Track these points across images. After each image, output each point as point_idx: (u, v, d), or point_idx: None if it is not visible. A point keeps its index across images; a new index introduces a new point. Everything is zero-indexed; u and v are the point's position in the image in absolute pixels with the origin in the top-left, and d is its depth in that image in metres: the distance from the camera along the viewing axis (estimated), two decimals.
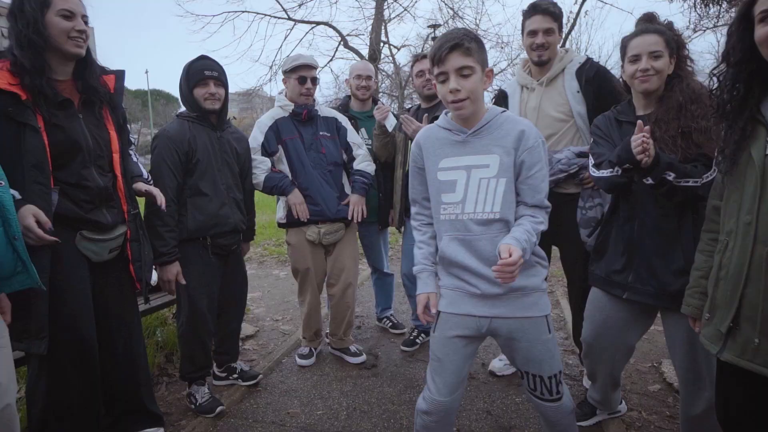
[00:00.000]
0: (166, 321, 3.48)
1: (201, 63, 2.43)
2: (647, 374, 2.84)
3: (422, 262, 1.72)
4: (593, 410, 2.28)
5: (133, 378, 2.13)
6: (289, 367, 3.04)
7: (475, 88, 1.50)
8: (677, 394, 2.54)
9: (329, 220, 2.84)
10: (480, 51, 1.50)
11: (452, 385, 1.61)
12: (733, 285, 1.26)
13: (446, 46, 1.47)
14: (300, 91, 2.79)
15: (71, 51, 1.75)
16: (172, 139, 2.34)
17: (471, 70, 1.48)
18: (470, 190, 1.55)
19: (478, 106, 1.56)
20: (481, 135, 1.56)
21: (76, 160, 1.78)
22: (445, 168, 1.59)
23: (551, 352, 1.59)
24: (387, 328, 3.64)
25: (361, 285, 4.73)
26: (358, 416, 2.46)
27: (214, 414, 2.43)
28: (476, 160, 1.56)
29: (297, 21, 11.83)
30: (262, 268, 5.71)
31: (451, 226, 1.59)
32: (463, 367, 1.63)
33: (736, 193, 1.28)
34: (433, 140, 1.64)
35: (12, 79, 1.65)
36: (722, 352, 1.27)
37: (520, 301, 1.56)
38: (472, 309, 1.58)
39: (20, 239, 1.42)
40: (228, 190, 2.47)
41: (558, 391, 1.60)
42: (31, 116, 1.66)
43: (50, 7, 1.69)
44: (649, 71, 1.79)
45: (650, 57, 1.79)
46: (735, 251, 1.26)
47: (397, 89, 15.40)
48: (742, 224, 1.25)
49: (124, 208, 1.99)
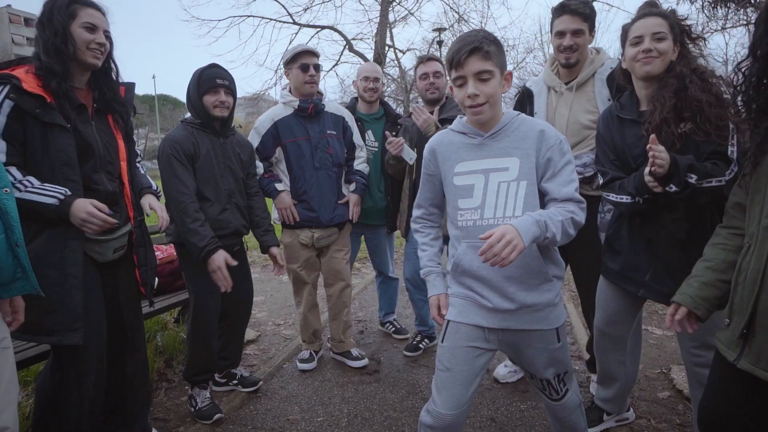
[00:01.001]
0: (167, 326, 3.45)
1: (213, 71, 2.44)
2: (656, 381, 2.76)
3: (428, 264, 1.69)
4: (600, 417, 2.22)
5: (132, 390, 2.11)
6: (290, 372, 3.00)
7: (494, 93, 1.45)
8: (688, 402, 2.47)
9: (323, 227, 2.83)
10: (499, 54, 1.45)
11: (459, 398, 1.52)
12: (749, 290, 1.21)
13: (465, 49, 1.41)
14: (304, 80, 2.74)
15: (89, 61, 1.83)
16: (177, 141, 2.36)
17: (490, 74, 1.43)
18: (489, 194, 1.49)
19: (497, 111, 1.51)
20: (498, 138, 1.51)
21: (88, 164, 1.84)
22: (462, 172, 1.54)
23: (558, 359, 1.55)
24: (390, 333, 3.58)
25: (365, 289, 4.68)
26: (359, 423, 2.41)
27: (211, 421, 2.39)
28: (495, 164, 1.49)
29: (302, 25, 11.87)
30: (265, 272, 5.69)
31: (469, 233, 1.52)
32: (472, 380, 1.54)
33: (759, 195, 1.23)
34: (448, 145, 1.58)
35: (38, 82, 1.73)
36: (739, 360, 1.22)
37: (531, 316, 1.51)
38: (482, 320, 1.53)
39: (22, 246, 1.43)
40: (230, 196, 2.47)
41: (563, 389, 1.60)
42: (57, 117, 1.73)
43: (75, 19, 1.79)
44: (651, 52, 1.70)
45: (653, 38, 1.70)
46: (753, 255, 1.21)
47: (403, 93, 15.41)
48: (762, 228, 1.19)
49: (131, 215, 2.03)
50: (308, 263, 2.93)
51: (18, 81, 1.68)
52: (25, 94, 1.69)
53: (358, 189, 2.92)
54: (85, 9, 1.81)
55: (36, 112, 1.70)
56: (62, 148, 1.73)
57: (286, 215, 2.80)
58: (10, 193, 1.44)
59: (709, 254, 1.43)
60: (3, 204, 1.39)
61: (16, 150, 1.69)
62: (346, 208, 2.92)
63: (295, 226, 2.84)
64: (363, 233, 3.35)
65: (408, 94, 14.77)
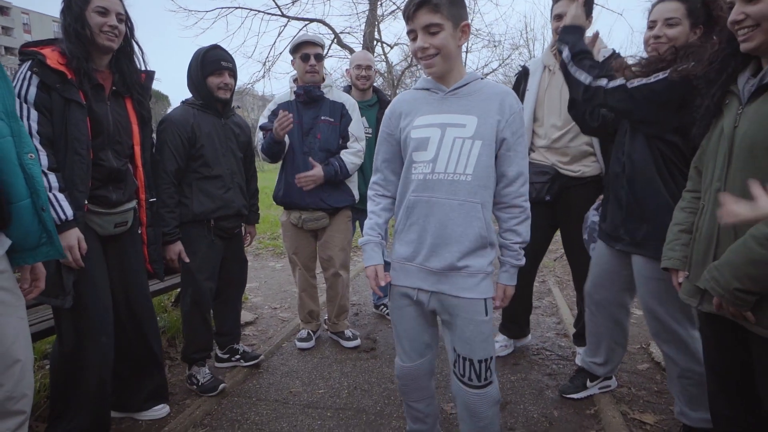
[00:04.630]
0: (166, 308, 3.53)
1: (217, 53, 2.49)
2: (636, 355, 2.94)
3: (368, 233, 1.68)
4: (584, 383, 2.39)
5: (148, 352, 2.24)
6: (289, 350, 3.11)
7: (445, 45, 1.45)
8: (665, 372, 2.65)
9: (299, 208, 2.90)
10: (451, 6, 1.45)
11: (411, 351, 1.67)
12: (705, 245, 1.39)
13: (414, 2, 1.44)
14: (305, 69, 2.84)
15: (104, 44, 1.92)
16: (175, 123, 2.41)
17: (439, 27, 1.44)
18: (443, 148, 1.50)
19: (452, 64, 1.51)
20: (459, 95, 1.53)
21: (96, 140, 1.94)
22: (420, 125, 1.54)
23: (483, 335, 1.54)
24: (384, 315, 3.71)
25: (359, 275, 4.80)
26: (359, 394, 2.53)
27: (217, 392, 2.48)
28: (452, 119, 1.50)
29: (290, 18, 11.81)
30: (258, 260, 5.76)
31: (418, 185, 1.53)
32: (419, 334, 1.66)
33: (711, 162, 1.40)
34: (410, 101, 1.60)
35: (61, 59, 1.85)
36: (702, 304, 1.40)
37: (463, 281, 1.53)
38: (418, 282, 1.58)
39: (48, 211, 1.46)
40: (232, 176, 2.55)
41: (486, 377, 1.55)
42: (75, 93, 1.84)
43: (90, 4, 1.88)
44: (660, 38, 1.81)
45: (665, 24, 1.81)
46: (707, 215, 1.39)
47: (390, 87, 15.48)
48: (713, 191, 1.36)
49: (142, 197, 2.17)
50: (300, 245, 3.02)
51: (43, 57, 1.79)
52: (48, 69, 1.80)
53: (327, 169, 2.82)
54: None
55: (57, 86, 1.81)
56: (75, 123, 1.84)
57: (280, 125, 2.66)
58: (35, 159, 1.46)
59: (679, 218, 1.59)
60: (29, 169, 1.42)
61: (46, 120, 1.80)
62: (339, 195, 2.92)
63: (288, 206, 2.95)
64: (358, 219, 3.44)
65: (395, 88, 14.86)
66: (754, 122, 1.25)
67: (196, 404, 2.41)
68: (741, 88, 1.34)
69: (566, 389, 2.43)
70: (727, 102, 1.39)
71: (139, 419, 2.27)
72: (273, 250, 6.25)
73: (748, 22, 1.25)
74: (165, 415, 2.31)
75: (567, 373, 2.66)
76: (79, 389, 1.97)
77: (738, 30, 1.28)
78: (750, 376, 1.37)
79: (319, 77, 2.90)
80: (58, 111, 1.83)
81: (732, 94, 1.37)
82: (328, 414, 2.35)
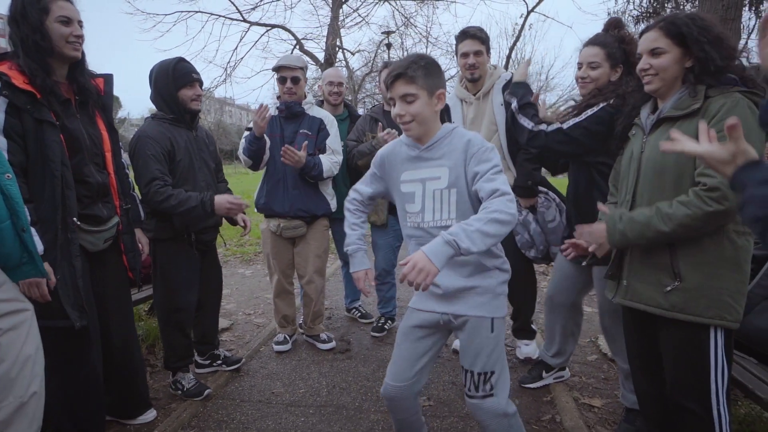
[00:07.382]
0: (141, 317, 3.59)
1: (185, 66, 2.53)
2: (586, 347, 3.27)
3: (356, 242, 1.84)
4: (540, 375, 2.68)
5: (130, 365, 2.30)
6: (267, 354, 3.25)
7: (419, 112, 1.59)
8: (612, 362, 2.98)
9: (279, 216, 3.07)
10: (427, 77, 1.58)
11: (401, 373, 1.71)
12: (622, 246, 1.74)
13: (392, 74, 1.59)
14: (282, 90, 3.06)
15: (69, 54, 1.88)
16: (153, 137, 2.42)
17: (414, 96, 1.58)
18: (427, 200, 1.66)
19: (428, 127, 1.65)
20: (432, 150, 1.67)
21: (76, 158, 1.92)
22: (406, 181, 1.71)
23: (487, 351, 1.62)
24: (356, 318, 3.90)
25: (331, 277, 4.96)
26: (338, 392, 2.72)
27: (202, 397, 2.60)
28: (429, 173, 1.67)
29: (252, 23, 11.83)
30: (227, 267, 5.80)
31: (414, 233, 1.71)
32: (415, 359, 1.72)
33: (625, 179, 1.77)
34: (396, 155, 1.76)
35: (24, 78, 1.76)
36: (615, 297, 1.76)
37: (472, 299, 1.65)
38: (435, 306, 1.71)
39: (28, 231, 1.50)
40: (208, 188, 2.61)
41: (485, 390, 1.63)
42: (47, 113, 1.79)
43: (49, 14, 1.82)
44: (585, 79, 2.17)
45: (588, 66, 2.16)
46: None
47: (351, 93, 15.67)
48: (626, 202, 1.73)
49: (116, 203, 2.16)
50: (278, 252, 3.17)
51: (8, 77, 1.71)
52: (16, 90, 1.72)
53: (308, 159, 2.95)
54: (56, 2, 1.83)
55: (28, 108, 1.74)
56: (49, 144, 1.78)
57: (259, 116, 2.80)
58: (12, 179, 1.47)
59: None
60: (6, 189, 1.43)
61: (18, 147, 1.74)
62: (313, 204, 3.09)
63: (267, 214, 3.11)
64: (330, 226, 3.61)
65: (356, 94, 15.08)
66: (654, 148, 1.60)
67: (182, 407, 2.52)
68: (644, 121, 1.72)
69: (525, 380, 2.70)
70: (633, 132, 1.77)
71: (127, 423, 2.36)
72: (241, 257, 6.31)
73: (651, 71, 1.60)
74: (152, 419, 2.41)
75: (524, 367, 2.93)
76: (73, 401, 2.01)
77: (644, 76, 1.63)
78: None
79: (298, 97, 3.07)
80: (31, 134, 1.76)
81: (637, 126, 1.75)
82: (311, 411, 2.52)
